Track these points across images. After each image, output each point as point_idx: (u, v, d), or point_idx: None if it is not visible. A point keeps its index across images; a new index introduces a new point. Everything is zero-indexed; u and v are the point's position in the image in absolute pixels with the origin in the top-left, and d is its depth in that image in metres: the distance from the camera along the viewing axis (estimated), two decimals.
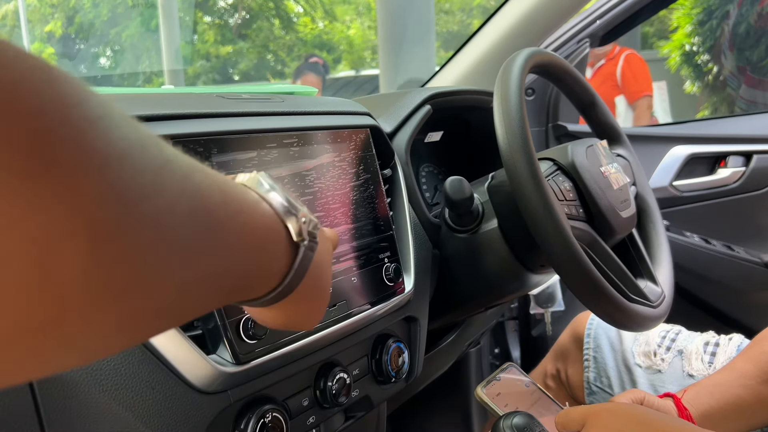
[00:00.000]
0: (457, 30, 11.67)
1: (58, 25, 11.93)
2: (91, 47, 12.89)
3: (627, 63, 3.15)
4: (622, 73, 3.14)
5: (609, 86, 3.14)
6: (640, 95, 3.15)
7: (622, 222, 0.85)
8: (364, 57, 12.70)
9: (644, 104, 3.17)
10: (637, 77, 3.19)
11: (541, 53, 0.84)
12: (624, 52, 3.19)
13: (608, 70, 3.16)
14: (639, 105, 3.14)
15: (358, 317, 0.67)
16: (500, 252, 0.83)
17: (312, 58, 3.89)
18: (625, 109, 3.16)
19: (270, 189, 0.35)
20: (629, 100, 3.14)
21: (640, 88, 3.17)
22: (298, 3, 12.84)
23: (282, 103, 0.69)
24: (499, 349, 1.49)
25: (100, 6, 11.84)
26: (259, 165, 0.60)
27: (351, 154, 0.72)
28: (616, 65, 3.16)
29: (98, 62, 13.63)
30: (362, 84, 7.90)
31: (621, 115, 3.15)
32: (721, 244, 1.37)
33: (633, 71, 3.18)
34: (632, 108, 3.15)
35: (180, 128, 0.55)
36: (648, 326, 0.80)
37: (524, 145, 0.71)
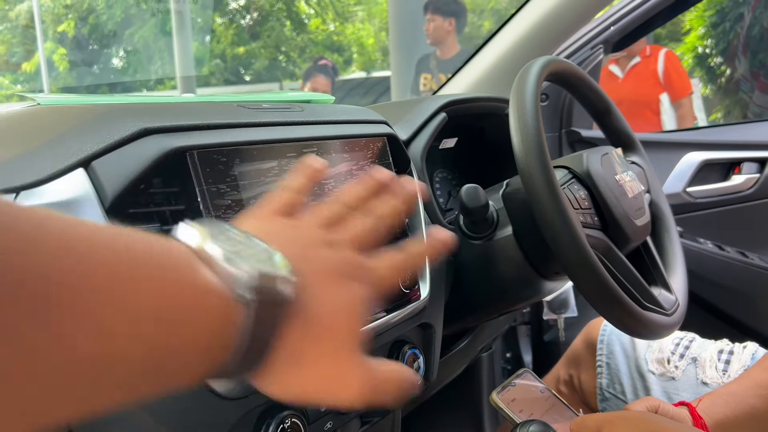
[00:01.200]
0: (468, 32, 11.66)
1: (71, 25, 12.02)
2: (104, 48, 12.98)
3: (669, 61, 3.14)
4: (665, 71, 3.11)
5: (651, 84, 3.11)
6: (685, 93, 3.14)
7: (637, 230, 0.85)
8: (375, 59, 12.71)
9: (688, 103, 3.16)
10: (680, 75, 3.18)
11: (556, 61, 0.85)
12: (661, 50, 3.18)
13: (648, 68, 3.13)
14: (684, 104, 3.13)
15: (374, 324, 0.68)
16: (515, 259, 0.84)
17: (321, 60, 3.91)
18: (669, 107, 3.14)
19: (203, 240, 0.30)
20: (673, 98, 3.12)
21: (685, 86, 3.16)
22: (309, 5, 12.88)
23: (301, 113, 0.70)
24: (510, 354, 1.49)
25: (114, 7, 11.91)
26: (279, 174, 0.61)
27: (368, 162, 0.73)
28: (656, 63, 3.13)
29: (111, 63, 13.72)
30: (373, 85, 7.92)
31: (666, 113, 3.13)
32: (735, 251, 1.37)
33: (676, 69, 3.16)
34: (675, 106, 3.14)
35: (202, 139, 0.56)
36: (662, 334, 0.80)
37: (540, 154, 0.71)
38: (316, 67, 3.77)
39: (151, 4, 10.42)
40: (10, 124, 0.59)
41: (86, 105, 0.60)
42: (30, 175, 0.49)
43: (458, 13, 3.55)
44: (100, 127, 0.53)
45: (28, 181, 0.48)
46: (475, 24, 11.88)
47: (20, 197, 0.47)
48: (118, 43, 12.88)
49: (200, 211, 0.54)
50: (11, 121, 0.59)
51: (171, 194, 0.55)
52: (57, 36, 11.97)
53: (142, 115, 0.55)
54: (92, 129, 0.53)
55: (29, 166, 0.50)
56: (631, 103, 3.08)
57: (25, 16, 11.48)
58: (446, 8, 3.48)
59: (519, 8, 1.29)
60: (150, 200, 0.54)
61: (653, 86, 3.11)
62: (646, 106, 3.09)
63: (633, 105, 3.08)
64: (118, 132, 0.52)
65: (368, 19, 13.22)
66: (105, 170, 0.51)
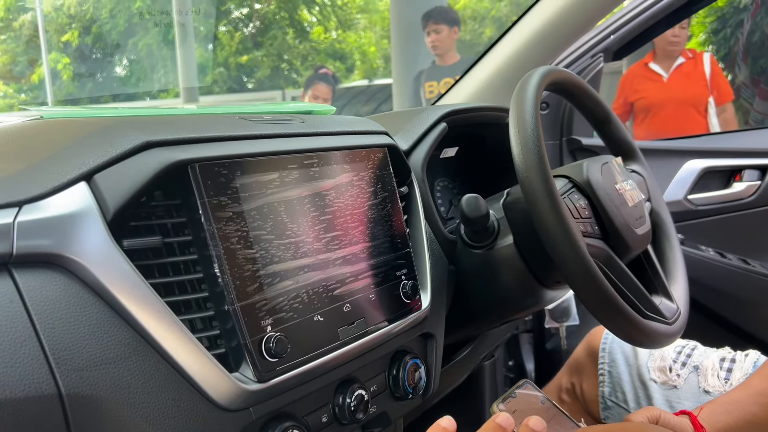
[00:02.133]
0: (469, 39, 11.69)
1: (75, 35, 12.07)
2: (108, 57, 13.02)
3: (714, 65, 3.12)
4: (712, 74, 3.09)
5: (702, 86, 3.09)
6: (729, 98, 3.14)
7: (638, 239, 0.85)
8: (377, 66, 12.74)
9: (731, 108, 3.15)
10: (725, 81, 3.17)
11: (556, 71, 0.85)
12: (704, 54, 3.17)
13: (696, 70, 3.11)
14: (727, 109, 3.12)
15: (375, 334, 0.68)
16: (516, 268, 0.84)
17: (322, 69, 3.94)
18: (714, 111, 3.12)
19: None
20: (718, 102, 3.10)
21: (728, 91, 3.15)
22: (311, 13, 12.93)
23: (302, 124, 0.70)
24: (513, 362, 1.49)
25: (117, 17, 11.95)
26: (280, 186, 0.61)
27: (369, 173, 0.73)
28: (702, 65, 3.11)
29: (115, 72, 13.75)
30: (375, 93, 7.92)
31: (714, 117, 3.12)
32: (737, 258, 1.37)
33: (721, 74, 3.15)
34: (718, 110, 3.11)
35: (204, 152, 0.56)
36: (663, 343, 0.80)
37: (540, 163, 0.72)
38: (317, 76, 3.79)
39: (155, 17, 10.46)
40: (13, 137, 0.59)
41: (88, 118, 0.61)
42: (33, 189, 0.49)
43: (459, 21, 3.58)
44: (102, 141, 0.53)
45: (30, 195, 0.49)
46: (476, 31, 11.90)
47: (23, 211, 0.48)
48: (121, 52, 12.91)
49: (201, 223, 0.54)
50: (14, 134, 0.59)
51: (173, 207, 0.56)
52: (61, 46, 12.02)
53: (144, 128, 0.56)
54: (94, 142, 0.53)
55: (32, 180, 0.50)
56: (678, 104, 3.05)
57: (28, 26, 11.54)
58: (449, 17, 3.50)
59: (519, 17, 1.29)
60: (152, 213, 0.55)
61: (703, 88, 3.09)
62: (693, 107, 3.07)
63: (681, 105, 3.05)
64: (120, 145, 0.53)
65: (370, 26, 13.26)
66: (107, 183, 0.51)
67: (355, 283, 0.67)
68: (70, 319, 0.47)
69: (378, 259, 0.71)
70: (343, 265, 0.66)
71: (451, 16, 3.55)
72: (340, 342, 0.63)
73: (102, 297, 0.49)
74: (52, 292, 0.47)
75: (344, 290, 0.66)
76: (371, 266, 0.70)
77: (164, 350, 0.51)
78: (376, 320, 0.69)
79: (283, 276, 0.59)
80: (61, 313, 0.47)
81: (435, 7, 3.64)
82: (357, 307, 0.67)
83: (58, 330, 0.47)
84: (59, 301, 0.47)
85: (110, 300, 0.49)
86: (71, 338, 0.47)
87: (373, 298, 0.69)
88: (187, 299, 0.55)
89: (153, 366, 0.51)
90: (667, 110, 3.04)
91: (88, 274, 0.49)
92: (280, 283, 0.59)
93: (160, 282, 0.53)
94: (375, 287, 0.70)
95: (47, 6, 12.23)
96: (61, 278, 0.48)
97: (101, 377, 0.48)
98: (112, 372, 0.48)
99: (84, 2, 12.44)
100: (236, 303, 0.55)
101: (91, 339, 0.48)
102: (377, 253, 0.71)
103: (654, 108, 3.03)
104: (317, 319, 0.62)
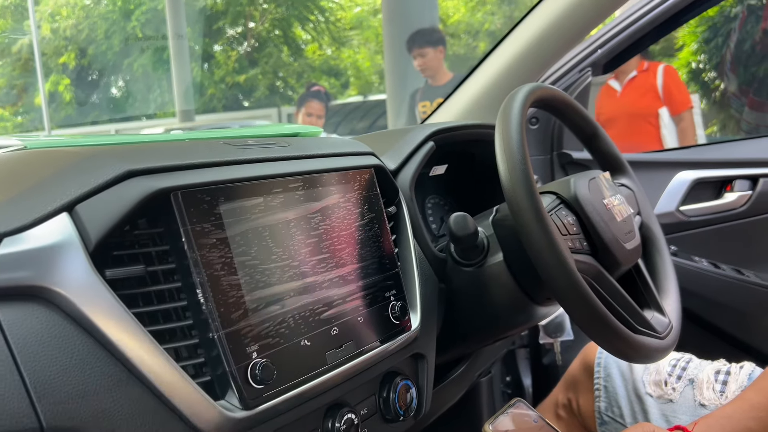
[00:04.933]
0: (463, 53, 11.76)
1: (71, 57, 12.16)
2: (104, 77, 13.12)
3: (668, 75, 3.15)
4: (665, 85, 3.13)
5: (651, 98, 3.12)
6: (685, 107, 3.15)
7: (627, 254, 0.85)
8: (372, 82, 12.81)
9: (689, 117, 3.17)
10: (681, 90, 3.19)
11: (541, 88, 0.85)
12: (660, 65, 3.19)
13: (646, 82, 3.15)
14: (684, 117, 3.14)
15: (365, 357, 0.67)
16: (506, 285, 0.84)
17: (314, 86, 3.95)
18: (669, 121, 3.14)
19: None
20: (673, 112, 3.13)
21: (684, 100, 3.17)
22: (305, 30, 13.02)
23: (287, 148, 0.71)
24: (510, 378, 1.48)
25: (112, 38, 12.05)
26: (265, 210, 0.61)
27: (356, 194, 0.73)
28: (655, 77, 3.14)
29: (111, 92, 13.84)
30: (370, 108, 7.96)
31: (666, 127, 3.12)
32: (731, 269, 1.37)
33: (676, 83, 3.17)
34: (675, 120, 3.14)
35: (186, 179, 0.56)
36: (655, 358, 0.80)
37: (526, 182, 0.72)
38: (310, 93, 3.81)
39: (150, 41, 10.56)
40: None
41: (72, 148, 0.61)
42: (14, 221, 0.49)
43: (443, 39, 3.60)
44: (84, 171, 0.53)
45: (11, 228, 0.49)
46: (470, 45, 11.98)
47: (3, 244, 0.48)
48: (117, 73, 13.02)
49: (185, 251, 0.54)
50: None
51: (156, 235, 0.56)
52: (59, 67, 12.11)
53: (126, 157, 0.56)
54: (76, 173, 0.53)
55: (13, 212, 0.50)
56: (629, 117, 3.08)
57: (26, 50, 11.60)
58: (433, 38, 3.52)
59: (506, 34, 1.30)
60: (135, 241, 0.55)
61: (652, 100, 3.12)
62: (644, 120, 3.09)
63: (631, 119, 3.08)
64: (102, 175, 0.53)
65: (364, 43, 13.35)
66: (89, 214, 0.51)
67: (342, 306, 0.67)
68: (51, 351, 0.47)
69: (366, 281, 0.71)
70: (330, 288, 0.66)
71: (434, 37, 3.56)
72: (328, 366, 0.63)
73: (85, 328, 0.49)
74: (34, 324, 0.47)
75: (332, 313, 0.65)
76: (359, 288, 0.70)
77: (148, 380, 0.51)
78: (364, 343, 0.68)
79: (269, 301, 0.59)
80: (42, 346, 0.47)
81: (416, 32, 3.65)
82: (345, 330, 0.66)
83: (39, 363, 0.46)
84: (41, 334, 0.47)
85: (93, 331, 0.49)
86: (53, 371, 0.47)
87: (362, 320, 0.69)
88: (172, 327, 0.54)
89: (137, 396, 0.50)
90: (619, 124, 3.09)
91: (71, 306, 0.49)
92: (266, 309, 0.59)
93: (144, 311, 0.53)
94: (363, 309, 0.69)
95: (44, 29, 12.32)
96: (42, 310, 0.48)
97: (84, 409, 0.47)
98: (95, 404, 0.48)
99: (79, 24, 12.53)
100: (221, 330, 0.54)
101: (73, 371, 0.48)
102: (365, 275, 0.71)
103: (609, 123, 3.08)
104: (304, 344, 0.61)
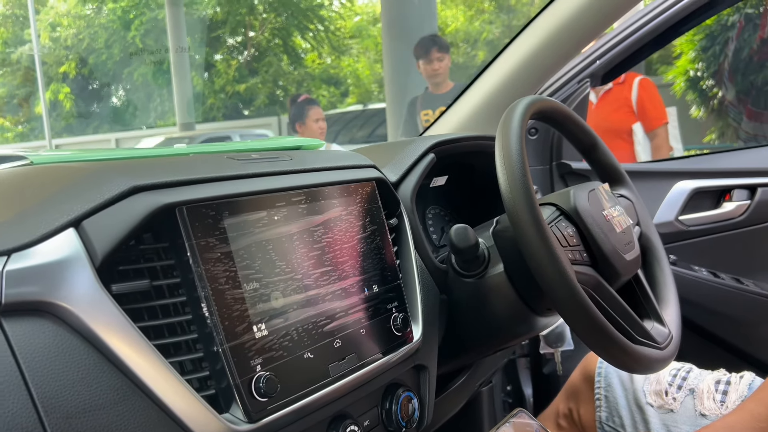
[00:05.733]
0: (462, 62, 11.81)
1: (72, 66, 12.23)
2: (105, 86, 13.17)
3: (643, 89, 3.02)
4: (638, 99, 3.01)
5: (625, 113, 3.02)
6: (660, 123, 3.03)
7: (627, 264, 0.86)
8: (371, 90, 12.85)
9: (664, 132, 3.05)
10: (655, 104, 3.07)
11: (541, 101, 0.86)
12: (636, 78, 3.08)
13: (621, 96, 3.04)
14: (659, 133, 3.03)
15: (367, 369, 0.68)
16: (507, 296, 0.84)
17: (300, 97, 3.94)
18: (643, 137, 3.04)
19: None
20: (647, 128, 3.02)
21: (659, 115, 3.05)
22: (305, 39, 13.07)
23: (290, 161, 0.71)
24: (511, 387, 1.49)
25: (112, 47, 12.10)
26: (268, 224, 0.62)
27: (357, 207, 0.74)
28: (630, 91, 3.02)
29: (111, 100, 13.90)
30: (370, 117, 7.99)
31: (640, 143, 3.01)
32: (730, 278, 1.37)
33: (650, 98, 3.05)
34: (649, 136, 3.04)
35: (191, 194, 0.57)
36: (656, 368, 0.80)
37: (526, 194, 0.72)
38: (307, 101, 3.79)
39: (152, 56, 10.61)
40: (2, 185, 0.60)
41: (78, 164, 0.61)
42: (22, 237, 0.50)
43: None
44: (90, 187, 0.54)
45: (19, 243, 0.49)
46: (469, 54, 12.03)
47: (11, 259, 0.48)
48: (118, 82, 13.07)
49: (189, 265, 0.55)
50: (4, 181, 0.60)
51: (161, 249, 0.56)
52: (59, 77, 12.17)
53: (131, 173, 0.57)
54: (82, 189, 0.54)
55: (21, 228, 0.51)
56: (602, 132, 2.98)
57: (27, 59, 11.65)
58: (448, 45, 3.55)
59: (505, 46, 1.31)
60: (140, 256, 0.55)
61: (626, 114, 3.02)
62: (617, 135, 3.00)
63: (605, 134, 2.98)
64: (108, 191, 0.54)
65: (363, 51, 13.41)
66: (95, 229, 0.52)
67: (345, 318, 0.67)
68: (58, 366, 0.48)
69: (368, 293, 0.72)
70: (333, 300, 0.67)
71: (447, 45, 3.59)
72: (331, 378, 0.64)
73: (91, 343, 0.50)
74: (41, 339, 0.48)
75: (334, 326, 0.66)
76: (361, 300, 0.70)
77: (154, 394, 0.51)
78: (367, 355, 0.69)
79: (273, 314, 0.60)
80: (49, 361, 0.48)
81: (435, 36, 3.68)
82: (348, 343, 0.67)
83: (46, 377, 0.47)
84: (48, 349, 0.48)
85: (99, 345, 0.50)
86: (60, 385, 0.47)
87: (364, 332, 0.69)
88: (177, 341, 0.55)
89: (143, 410, 0.51)
90: None
91: (77, 320, 0.49)
92: (270, 322, 0.59)
93: (149, 325, 0.53)
94: (365, 321, 0.70)
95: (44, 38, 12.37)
96: (49, 325, 0.49)
97: (91, 423, 0.48)
98: (101, 418, 0.49)
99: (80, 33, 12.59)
100: (225, 344, 0.55)
101: (80, 385, 0.48)
102: (367, 287, 0.72)
103: None
104: (307, 357, 0.62)
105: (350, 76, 13.28)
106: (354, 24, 13.53)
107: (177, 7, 8.86)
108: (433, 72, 3.46)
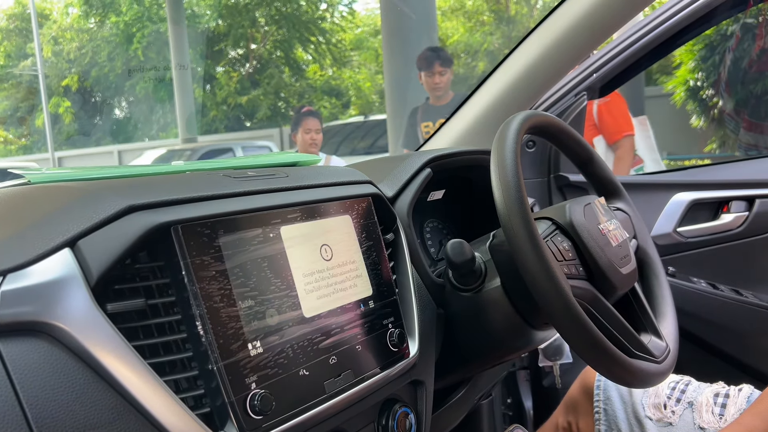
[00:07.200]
0: (462, 72, 11.86)
1: (74, 79, 12.30)
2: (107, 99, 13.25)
3: (602, 103, 2.89)
4: (598, 113, 2.90)
5: (588, 127, 2.87)
6: (621, 136, 2.90)
7: (623, 278, 0.86)
8: (372, 101, 12.90)
9: (626, 145, 2.93)
10: (616, 117, 2.93)
11: (536, 115, 0.87)
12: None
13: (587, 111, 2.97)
14: (621, 145, 2.91)
15: (363, 385, 0.68)
16: (504, 310, 0.85)
17: (304, 108, 4.01)
18: (605, 151, 2.92)
19: None
20: (608, 141, 2.91)
21: (620, 128, 2.92)
22: (307, 51, 13.14)
23: (286, 178, 0.72)
24: (511, 400, 1.48)
25: (115, 60, 12.17)
26: (264, 241, 0.63)
27: (353, 223, 0.74)
28: (591, 104, 2.87)
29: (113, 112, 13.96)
30: (371, 128, 8.01)
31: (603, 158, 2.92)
32: (729, 289, 1.37)
33: (610, 110, 2.92)
34: (612, 149, 2.93)
35: (186, 213, 0.57)
36: (653, 382, 0.80)
37: (521, 209, 0.73)
38: (305, 113, 3.83)
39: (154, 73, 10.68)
40: (0, 204, 0.61)
41: (74, 183, 0.62)
42: (17, 257, 0.50)
43: None
44: (86, 207, 0.55)
45: (15, 264, 0.50)
46: (469, 65, 12.08)
47: (7, 280, 0.49)
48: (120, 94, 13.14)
49: (185, 284, 0.55)
50: (1, 202, 0.61)
51: (156, 268, 0.57)
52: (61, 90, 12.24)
53: (127, 192, 0.57)
54: (78, 208, 0.55)
55: (17, 248, 0.51)
56: None
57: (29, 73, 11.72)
58: (450, 60, 3.56)
59: (502, 60, 1.32)
60: (135, 275, 0.56)
61: (589, 128, 2.90)
62: None
63: None
64: (104, 210, 0.54)
65: (364, 63, 13.47)
66: (90, 249, 0.52)
67: (341, 335, 0.68)
68: (53, 385, 0.48)
69: (364, 309, 0.72)
70: (328, 317, 0.67)
71: (451, 58, 3.61)
72: (327, 395, 0.64)
73: (86, 362, 0.50)
74: (36, 359, 0.48)
75: (330, 342, 0.66)
76: (357, 316, 0.71)
77: (149, 412, 0.51)
78: (363, 371, 0.69)
79: (268, 332, 0.60)
80: (44, 381, 0.48)
81: (440, 49, 3.70)
82: (343, 359, 0.67)
83: (41, 397, 0.47)
84: (43, 369, 0.48)
85: (94, 365, 0.50)
86: (55, 405, 0.48)
87: (360, 348, 0.69)
88: (172, 359, 0.55)
89: (138, 429, 0.51)
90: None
91: (72, 340, 0.50)
92: (265, 339, 0.60)
93: (144, 344, 0.54)
94: (361, 337, 0.70)
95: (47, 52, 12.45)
96: (44, 345, 0.49)
97: None
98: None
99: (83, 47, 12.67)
100: (220, 361, 0.55)
101: (75, 405, 0.48)
102: (363, 303, 0.72)
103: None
104: (303, 373, 0.62)
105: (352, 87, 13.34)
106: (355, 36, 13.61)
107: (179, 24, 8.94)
108: (435, 85, 3.47)
